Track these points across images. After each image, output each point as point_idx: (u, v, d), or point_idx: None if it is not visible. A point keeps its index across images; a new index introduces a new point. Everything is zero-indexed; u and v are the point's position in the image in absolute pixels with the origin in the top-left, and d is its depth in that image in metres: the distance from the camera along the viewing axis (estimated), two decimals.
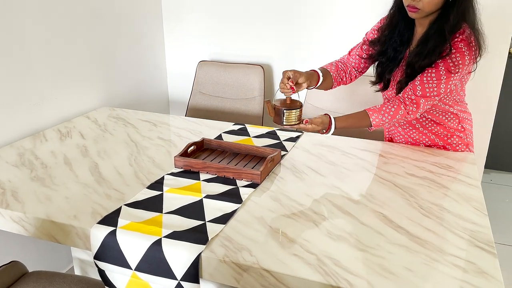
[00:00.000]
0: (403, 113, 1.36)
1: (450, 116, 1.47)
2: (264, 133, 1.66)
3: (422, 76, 1.35)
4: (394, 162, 1.40)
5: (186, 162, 1.31)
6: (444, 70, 1.32)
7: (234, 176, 1.26)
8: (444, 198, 1.18)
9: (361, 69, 1.58)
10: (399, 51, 1.45)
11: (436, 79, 1.33)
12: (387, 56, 1.47)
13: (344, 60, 1.60)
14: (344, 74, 1.57)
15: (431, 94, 1.34)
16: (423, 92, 1.34)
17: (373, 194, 1.19)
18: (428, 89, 1.34)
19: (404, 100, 1.37)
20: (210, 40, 2.50)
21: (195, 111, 2.43)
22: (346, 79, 1.58)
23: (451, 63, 1.32)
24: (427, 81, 1.34)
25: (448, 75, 1.32)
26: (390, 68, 1.47)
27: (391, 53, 1.45)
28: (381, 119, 1.35)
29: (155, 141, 1.58)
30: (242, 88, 2.36)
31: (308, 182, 1.27)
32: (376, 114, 1.37)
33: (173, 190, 1.18)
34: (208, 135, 1.62)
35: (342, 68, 1.57)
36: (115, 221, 1.03)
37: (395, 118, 1.36)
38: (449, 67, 1.32)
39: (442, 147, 1.51)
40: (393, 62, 1.46)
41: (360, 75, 1.61)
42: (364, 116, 1.38)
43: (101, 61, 2.07)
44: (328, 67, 1.57)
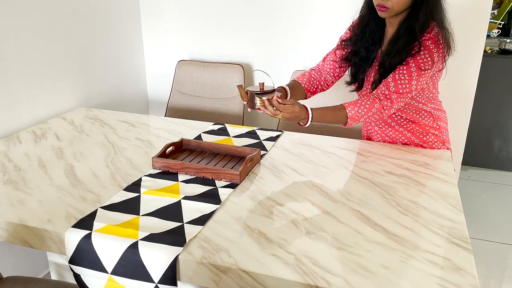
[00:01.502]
0: (378, 107, 1.37)
1: (424, 114, 1.49)
2: (244, 132, 1.66)
3: (394, 74, 1.37)
4: (372, 160, 1.42)
5: (164, 163, 1.30)
6: (414, 67, 1.34)
7: (213, 176, 1.25)
8: (420, 195, 1.19)
9: (337, 73, 1.59)
10: (371, 51, 1.47)
11: (407, 75, 1.35)
12: (359, 56, 1.48)
13: (319, 68, 1.61)
14: (318, 82, 1.58)
15: (404, 90, 1.36)
16: (395, 88, 1.36)
17: (352, 193, 1.20)
18: (401, 85, 1.36)
19: (378, 95, 1.39)
20: (190, 39, 2.48)
21: (175, 111, 2.42)
22: (322, 86, 1.60)
23: (421, 61, 1.34)
24: (399, 77, 1.36)
25: (418, 72, 1.34)
26: (363, 68, 1.49)
27: (363, 52, 1.47)
28: (357, 112, 1.36)
29: (133, 142, 1.56)
30: (222, 87, 2.36)
31: (287, 181, 1.27)
32: (352, 106, 1.38)
33: (150, 192, 1.17)
34: (187, 135, 1.61)
35: (316, 77, 1.58)
36: (91, 224, 1.01)
37: (371, 111, 1.37)
38: (419, 64, 1.34)
39: (419, 145, 1.53)
40: (366, 61, 1.48)
41: (337, 79, 1.62)
42: (340, 108, 1.39)
43: (77, 60, 2.03)
44: (300, 78, 1.58)
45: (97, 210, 1.08)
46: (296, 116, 1.32)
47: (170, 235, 0.97)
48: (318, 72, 1.60)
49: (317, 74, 1.59)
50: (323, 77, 1.59)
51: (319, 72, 1.60)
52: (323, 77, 1.59)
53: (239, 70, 2.32)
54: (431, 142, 1.52)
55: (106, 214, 1.06)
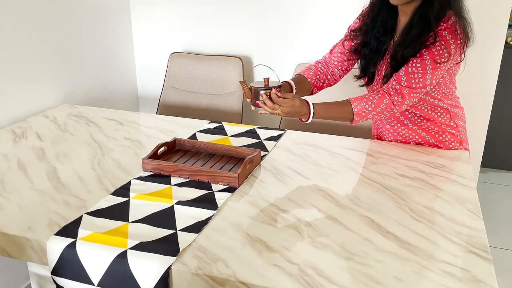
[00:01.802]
0: (388, 102, 1.37)
1: (440, 111, 1.49)
2: (243, 131, 1.66)
3: (407, 67, 1.37)
4: (383, 162, 1.42)
5: (155, 165, 1.30)
6: (429, 60, 1.34)
7: (209, 179, 1.25)
8: (436, 200, 1.20)
9: (345, 67, 1.59)
10: (382, 42, 1.47)
11: (421, 69, 1.35)
12: (370, 48, 1.48)
13: (325, 60, 1.61)
14: (325, 77, 1.58)
15: (417, 85, 1.36)
16: (408, 83, 1.36)
17: (360, 197, 1.20)
18: (414, 80, 1.36)
19: (388, 90, 1.39)
20: (184, 29, 2.48)
21: (167, 108, 2.42)
22: (329, 81, 1.60)
23: (436, 53, 1.34)
24: (412, 71, 1.36)
25: (433, 65, 1.34)
26: (374, 61, 1.49)
27: (374, 44, 1.47)
28: (364, 107, 1.36)
29: (121, 142, 1.56)
30: (218, 82, 2.36)
31: (290, 185, 1.27)
32: (358, 101, 1.37)
33: (140, 196, 1.17)
34: (180, 134, 1.61)
35: (323, 71, 1.58)
36: (75, 232, 1.01)
37: (379, 107, 1.37)
38: (434, 56, 1.34)
39: (434, 145, 1.53)
40: (377, 54, 1.48)
41: (345, 73, 1.62)
42: (345, 103, 1.39)
43: (60, 53, 2.03)
44: (306, 72, 1.58)
45: (82, 216, 1.08)
46: (297, 111, 1.32)
47: (162, 244, 0.97)
48: (325, 65, 1.60)
49: (324, 67, 1.59)
50: (330, 70, 1.59)
51: (326, 65, 1.60)
52: (330, 70, 1.59)
53: (237, 63, 2.33)
54: (447, 141, 1.52)
55: (92, 220, 1.06)
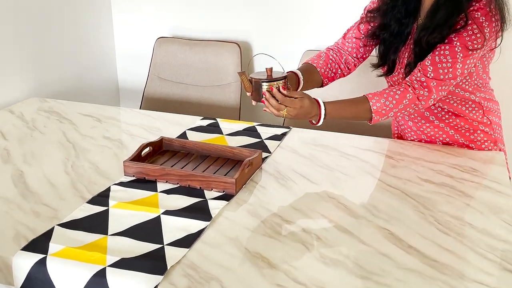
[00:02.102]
0: (412, 98, 1.36)
1: (471, 106, 1.49)
2: (241, 129, 1.66)
3: (434, 55, 1.36)
4: (404, 165, 1.42)
5: (139, 169, 1.30)
6: (460, 47, 1.34)
7: (202, 185, 1.25)
8: (466, 210, 1.19)
9: (360, 54, 1.59)
10: (404, 24, 1.46)
11: (450, 58, 1.34)
12: (390, 31, 1.48)
13: (338, 47, 1.61)
14: (337, 66, 1.58)
15: (446, 76, 1.36)
16: (435, 74, 1.36)
17: (378, 206, 1.20)
18: (442, 70, 1.35)
19: (412, 83, 1.38)
20: (172, 10, 2.48)
21: (153, 101, 2.41)
22: (342, 71, 1.59)
23: (468, 38, 1.33)
24: (440, 60, 1.35)
25: (465, 52, 1.34)
26: (395, 46, 1.49)
27: (394, 26, 1.46)
28: (384, 104, 1.36)
29: (99, 142, 1.56)
30: (213, 72, 2.35)
31: (296, 191, 1.27)
32: (377, 98, 1.37)
33: (122, 205, 1.17)
34: (168, 133, 1.61)
35: (335, 59, 1.58)
36: (45, 246, 1.01)
37: (402, 104, 1.37)
38: (466, 42, 1.33)
39: (464, 145, 1.53)
40: (398, 38, 1.48)
41: (361, 62, 1.62)
42: (361, 100, 1.38)
43: (28, 39, 2.03)
44: (315, 60, 1.57)
45: (53, 228, 1.08)
46: (306, 112, 1.32)
47: (147, 260, 0.97)
48: (337, 53, 1.60)
49: (336, 54, 1.59)
50: (343, 58, 1.59)
51: (339, 52, 1.60)
52: (343, 58, 1.59)
53: (234, 49, 2.32)
54: (479, 141, 1.52)
55: (65, 233, 1.06)
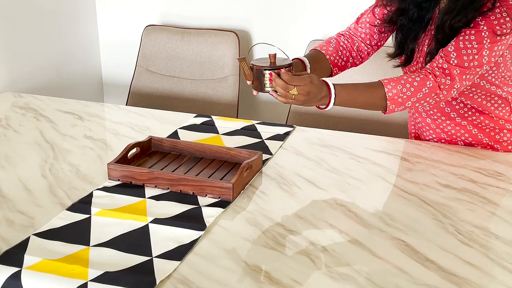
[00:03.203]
0: (432, 86, 1.36)
1: (498, 102, 1.49)
2: (239, 128, 1.66)
3: (458, 40, 1.36)
4: (421, 169, 1.42)
5: (125, 172, 1.30)
6: (487, 32, 1.34)
7: (195, 191, 1.25)
8: (491, 219, 1.19)
9: (375, 42, 1.59)
10: (425, 9, 1.46)
11: (476, 43, 1.35)
12: (409, 16, 1.48)
13: (350, 33, 1.61)
14: (348, 53, 1.58)
15: (471, 64, 1.36)
16: (459, 60, 1.36)
17: (392, 214, 1.20)
18: (467, 57, 1.35)
19: (433, 70, 1.38)
20: None
21: (141, 97, 2.41)
22: (354, 59, 1.59)
23: (496, 22, 1.34)
24: (465, 46, 1.35)
25: (492, 38, 1.34)
26: (414, 33, 1.49)
27: (414, 11, 1.47)
28: (400, 91, 1.36)
29: (81, 142, 1.56)
30: (207, 64, 2.35)
31: (300, 198, 1.27)
32: (394, 84, 1.37)
33: (105, 213, 1.17)
34: (158, 132, 1.61)
35: (346, 46, 1.58)
36: (20, 258, 1.01)
37: (421, 92, 1.36)
38: (494, 27, 1.34)
39: (489, 146, 1.53)
40: (418, 24, 1.48)
41: (375, 50, 1.62)
42: (376, 86, 1.38)
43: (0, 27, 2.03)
44: (324, 47, 1.57)
45: (29, 238, 1.08)
46: (316, 92, 1.30)
47: (134, 274, 0.97)
48: (349, 39, 1.60)
49: (348, 41, 1.59)
50: (355, 45, 1.59)
51: (351, 38, 1.60)
52: (355, 45, 1.59)
53: (232, 39, 2.32)
54: (506, 141, 1.52)
55: (43, 244, 1.06)
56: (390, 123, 2.08)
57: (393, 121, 2.07)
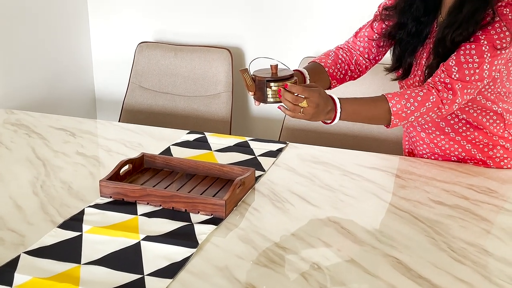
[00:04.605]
0: (435, 100, 1.37)
1: (492, 118, 1.50)
2: (232, 145, 1.66)
3: (459, 54, 1.38)
4: (415, 186, 1.42)
5: (117, 189, 1.29)
6: (487, 46, 1.36)
7: (187, 208, 1.25)
8: (484, 236, 1.19)
9: (373, 55, 1.61)
10: (423, 24, 1.48)
11: (477, 57, 1.36)
12: (407, 31, 1.49)
13: (348, 46, 1.62)
14: (347, 66, 1.59)
15: (472, 78, 1.37)
16: (460, 75, 1.37)
17: (385, 231, 1.20)
18: (468, 71, 1.37)
19: (435, 84, 1.39)
20: (156, 12, 2.49)
21: (133, 113, 2.42)
22: (352, 72, 1.60)
23: (496, 36, 1.35)
24: (466, 60, 1.37)
25: (492, 52, 1.36)
26: (412, 47, 1.50)
27: (412, 25, 1.48)
28: (405, 106, 1.37)
29: (73, 159, 1.56)
30: (201, 80, 2.36)
31: (293, 215, 1.27)
32: (398, 99, 1.37)
33: (97, 230, 1.16)
34: (150, 148, 1.61)
35: (344, 59, 1.59)
36: (10, 277, 1.00)
37: (424, 107, 1.37)
38: (494, 41, 1.35)
39: (481, 162, 1.54)
40: (416, 38, 1.49)
41: (373, 64, 1.63)
42: (380, 99, 1.39)
43: None
44: (323, 59, 1.58)
45: (19, 256, 1.07)
46: (323, 107, 1.30)
47: None
48: (348, 52, 1.61)
49: (346, 54, 1.60)
50: (354, 59, 1.60)
51: (349, 51, 1.61)
52: (354, 59, 1.60)
53: (225, 56, 2.33)
54: (498, 158, 1.53)
55: (33, 262, 1.05)
56: (383, 139, 2.09)
57: (386, 137, 2.08)
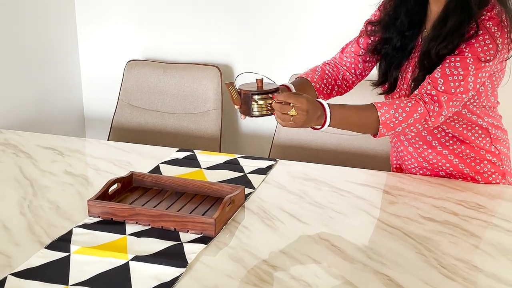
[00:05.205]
0: (422, 112, 1.38)
1: (478, 132, 1.51)
2: (222, 162, 1.67)
3: (444, 66, 1.39)
4: (404, 202, 1.42)
5: (105, 208, 1.29)
6: (471, 58, 1.37)
7: (177, 226, 1.24)
8: (474, 252, 1.20)
9: (360, 71, 1.62)
10: (408, 38, 1.50)
11: (462, 69, 1.37)
12: (392, 45, 1.51)
13: (335, 61, 1.64)
14: (333, 82, 1.60)
15: (457, 90, 1.38)
16: (446, 87, 1.38)
17: (375, 248, 1.20)
18: (453, 84, 1.38)
19: (422, 96, 1.40)
20: (145, 31, 2.50)
21: (123, 132, 2.41)
22: (339, 87, 1.61)
23: (480, 49, 1.37)
24: (451, 72, 1.38)
25: (477, 64, 1.37)
26: (397, 61, 1.52)
27: (397, 40, 1.50)
28: (393, 116, 1.37)
29: (61, 178, 1.55)
30: (190, 98, 2.36)
31: (284, 233, 1.26)
32: (387, 108, 1.38)
33: (85, 251, 1.15)
34: (139, 167, 1.60)
35: (331, 74, 1.60)
36: None
37: (412, 118, 1.38)
38: (478, 53, 1.37)
39: (469, 177, 1.54)
40: (401, 52, 1.51)
41: (360, 79, 1.64)
42: (369, 108, 1.39)
43: None
44: (310, 74, 1.59)
45: (6, 278, 1.06)
46: (312, 112, 1.30)
47: None
48: (334, 68, 1.62)
49: (333, 70, 1.61)
50: (340, 74, 1.61)
51: (336, 67, 1.62)
52: (340, 74, 1.61)
53: (214, 73, 2.34)
54: (486, 173, 1.54)
55: (20, 284, 1.04)
56: (373, 155, 2.10)
57: (375, 153, 2.09)
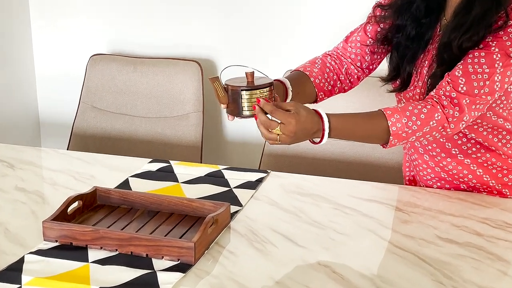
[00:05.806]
0: (440, 119, 1.37)
1: (506, 138, 1.51)
2: (203, 175, 1.66)
3: (466, 63, 1.39)
4: (419, 220, 1.42)
5: (64, 231, 1.28)
6: (498, 54, 1.37)
7: (149, 252, 1.24)
8: (501, 279, 1.20)
9: (367, 64, 1.62)
10: (425, 26, 1.49)
11: (487, 67, 1.37)
12: (406, 34, 1.51)
13: (338, 52, 1.63)
14: (336, 76, 1.59)
15: (481, 91, 1.38)
16: (468, 87, 1.38)
17: (385, 276, 1.20)
18: (477, 83, 1.37)
19: (440, 99, 1.39)
20: (110, 20, 2.50)
21: (85, 139, 2.40)
22: (342, 83, 1.61)
23: (509, 42, 1.37)
24: (474, 70, 1.38)
25: (505, 61, 1.37)
26: (411, 53, 1.51)
27: (412, 28, 1.49)
28: (406, 125, 1.36)
29: (11, 195, 1.54)
30: (165, 99, 2.36)
31: (276, 258, 1.26)
32: (398, 116, 1.37)
33: (39, 282, 1.14)
34: (105, 181, 1.60)
35: (333, 68, 1.59)
36: None
37: (428, 126, 1.37)
38: (507, 48, 1.37)
39: (496, 190, 1.55)
40: (416, 43, 1.50)
41: (367, 74, 1.64)
42: (377, 116, 1.38)
43: None
44: (308, 67, 1.58)
45: None
46: (305, 128, 1.29)
47: None
48: (337, 60, 1.61)
49: (336, 62, 1.61)
50: (344, 68, 1.60)
51: (339, 59, 1.62)
52: (344, 68, 1.60)
53: (194, 70, 2.34)
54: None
55: None
56: (381, 165, 2.09)
57: (384, 163, 2.09)
